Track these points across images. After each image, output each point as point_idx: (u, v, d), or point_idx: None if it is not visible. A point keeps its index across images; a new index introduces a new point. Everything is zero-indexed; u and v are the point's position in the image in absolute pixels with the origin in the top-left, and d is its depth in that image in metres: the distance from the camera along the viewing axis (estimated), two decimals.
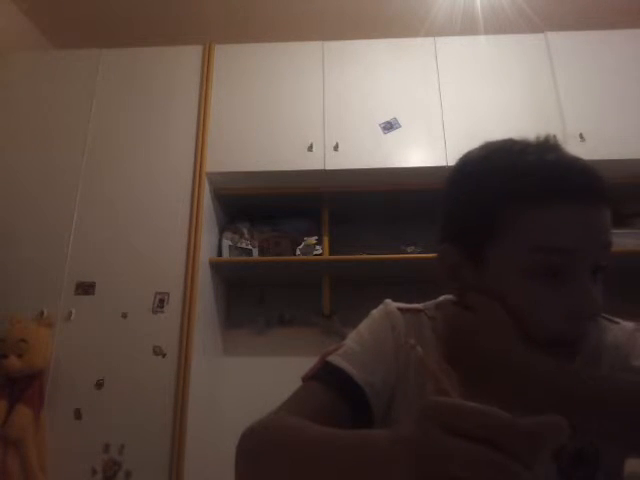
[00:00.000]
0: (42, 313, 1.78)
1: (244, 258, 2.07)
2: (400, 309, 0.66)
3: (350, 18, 2.50)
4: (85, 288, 1.84)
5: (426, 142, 2.01)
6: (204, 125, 2.05)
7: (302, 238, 2.09)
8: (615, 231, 0.51)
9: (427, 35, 2.24)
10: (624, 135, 1.94)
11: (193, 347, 1.75)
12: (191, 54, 2.18)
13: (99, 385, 1.71)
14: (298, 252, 2.06)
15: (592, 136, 1.92)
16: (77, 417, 1.68)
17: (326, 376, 0.59)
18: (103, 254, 1.88)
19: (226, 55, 2.18)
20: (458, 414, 0.29)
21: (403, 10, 2.43)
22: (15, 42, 2.36)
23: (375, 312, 0.68)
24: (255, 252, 2.09)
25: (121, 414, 1.68)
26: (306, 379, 0.61)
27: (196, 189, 1.96)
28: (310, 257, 2.04)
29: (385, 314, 0.66)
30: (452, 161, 0.63)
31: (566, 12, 2.41)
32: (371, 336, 0.64)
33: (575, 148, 0.53)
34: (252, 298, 2.30)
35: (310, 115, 2.06)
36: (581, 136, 1.92)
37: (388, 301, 0.68)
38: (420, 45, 2.17)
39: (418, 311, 0.67)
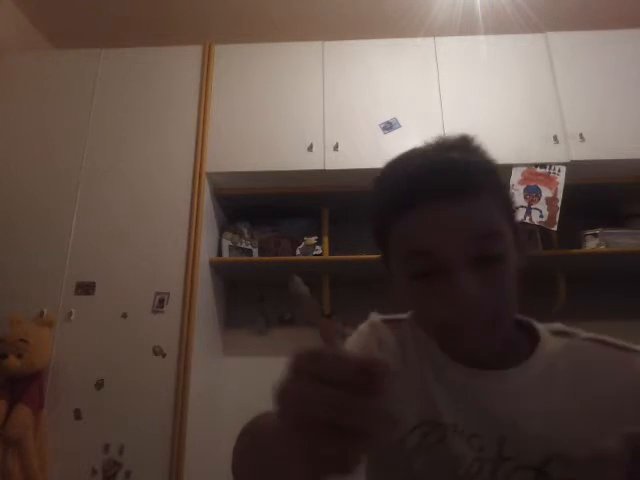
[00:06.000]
0: (42, 313, 1.78)
1: (244, 258, 2.07)
2: (385, 321, 0.67)
3: (350, 18, 2.50)
4: (85, 288, 1.84)
5: None
6: (204, 125, 2.05)
7: (302, 238, 2.09)
8: (614, 231, 0.50)
9: (427, 35, 2.23)
10: (624, 135, 1.94)
11: (193, 347, 1.75)
12: (191, 54, 2.18)
13: (99, 385, 1.71)
14: (298, 252, 2.06)
15: (592, 136, 1.92)
16: (77, 417, 1.68)
17: None
18: (103, 254, 1.88)
19: (226, 55, 2.18)
20: (316, 360, 0.30)
21: (403, 10, 2.43)
22: (15, 42, 2.36)
23: (362, 327, 0.68)
24: (255, 252, 2.10)
25: (121, 414, 1.68)
26: None
27: (196, 189, 1.96)
28: (310, 257, 2.04)
29: (372, 328, 0.66)
30: None
31: (566, 12, 2.41)
32: (358, 351, 0.63)
33: (575, 148, 0.52)
34: (252, 298, 2.30)
35: (310, 115, 2.06)
36: (581, 136, 1.92)
37: (373, 314, 0.69)
38: (420, 45, 2.17)
39: (401, 321, 0.67)
